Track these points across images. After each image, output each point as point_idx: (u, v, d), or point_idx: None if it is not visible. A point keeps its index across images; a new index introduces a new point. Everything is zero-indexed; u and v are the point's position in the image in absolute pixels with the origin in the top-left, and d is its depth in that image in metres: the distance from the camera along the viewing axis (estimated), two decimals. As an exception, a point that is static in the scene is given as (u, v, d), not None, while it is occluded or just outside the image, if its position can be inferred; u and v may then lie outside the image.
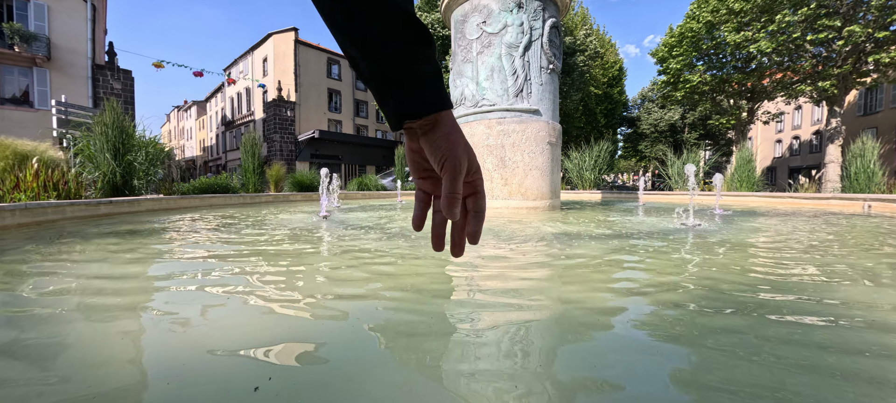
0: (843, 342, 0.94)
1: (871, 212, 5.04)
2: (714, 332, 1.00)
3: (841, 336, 0.98)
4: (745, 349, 0.90)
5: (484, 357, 0.87)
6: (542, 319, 1.12)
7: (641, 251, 2.16)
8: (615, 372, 0.81)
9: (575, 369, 0.83)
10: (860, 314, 1.13)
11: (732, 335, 0.99)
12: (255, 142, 8.79)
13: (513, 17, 4.39)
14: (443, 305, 1.25)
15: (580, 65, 19.79)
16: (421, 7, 18.56)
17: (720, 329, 1.02)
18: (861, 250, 2.23)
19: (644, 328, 1.05)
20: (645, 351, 0.90)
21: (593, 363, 0.85)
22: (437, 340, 0.97)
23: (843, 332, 1.01)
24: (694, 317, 1.12)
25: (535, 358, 0.87)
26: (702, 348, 0.92)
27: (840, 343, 0.93)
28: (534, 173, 4.44)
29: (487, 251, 2.12)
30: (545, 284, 1.52)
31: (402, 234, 2.87)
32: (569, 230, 2.99)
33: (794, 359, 0.85)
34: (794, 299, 1.28)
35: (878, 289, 1.42)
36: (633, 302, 1.27)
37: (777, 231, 3.04)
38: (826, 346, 0.91)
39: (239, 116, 29.76)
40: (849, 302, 1.25)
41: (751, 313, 1.15)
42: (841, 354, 0.87)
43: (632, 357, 0.88)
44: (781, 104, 23.12)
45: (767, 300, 1.26)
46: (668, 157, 9.84)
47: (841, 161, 12.35)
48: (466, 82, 4.71)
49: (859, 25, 11.82)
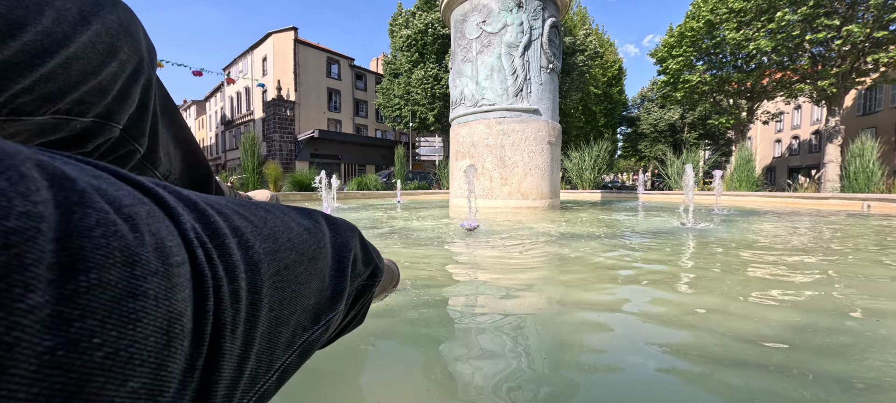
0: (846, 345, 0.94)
1: (870, 212, 5.05)
2: (714, 331, 1.00)
3: (843, 335, 0.98)
4: (745, 346, 0.90)
5: (484, 356, 0.87)
6: (542, 319, 1.12)
7: (641, 251, 2.16)
8: (615, 370, 0.81)
9: (575, 369, 0.83)
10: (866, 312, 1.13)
11: (732, 333, 0.99)
12: (255, 141, 8.79)
13: (512, 16, 4.39)
14: (442, 304, 1.25)
15: (580, 64, 19.80)
16: (420, 7, 18.56)
17: (720, 328, 1.02)
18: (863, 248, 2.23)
19: (643, 327, 1.05)
20: (645, 350, 0.90)
21: (593, 361, 0.85)
22: (435, 337, 0.97)
23: (843, 331, 1.01)
24: (694, 315, 1.12)
25: (534, 357, 0.87)
26: (702, 347, 0.92)
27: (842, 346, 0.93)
28: (533, 173, 4.44)
29: (487, 251, 2.12)
30: (545, 283, 1.52)
31: (402, 233, 2.87)
32: (569, 230, 2.99)
33: (794, 360, 0.85)
34: (792, 297, 1.28)
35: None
36: (633, 302, 1.27)
37: (775, 231, 3.04)
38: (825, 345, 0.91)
39: (238, 115, 29.75)
40: (849, 304, 1.25)
41: (750, 311, 1.15)
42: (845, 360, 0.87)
43: (632, 356, 0.88)
44: (781, 104, 23.14)
45: (766, 300, 1.26)
46: (668, 157, 9.85)
47: (840, 161, 12.37)
48: (466, 82, 4.71)
49: (858, 25, 11.83)
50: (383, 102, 20.29)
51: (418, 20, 17.96)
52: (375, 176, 11.66)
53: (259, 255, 0.22)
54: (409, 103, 19.15)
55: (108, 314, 0.12)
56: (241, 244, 0.21)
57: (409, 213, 4.88)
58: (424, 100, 18.48)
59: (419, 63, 18.51)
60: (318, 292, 0.29)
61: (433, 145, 15.40)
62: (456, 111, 4.89)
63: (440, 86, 18.11)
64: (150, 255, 0.14)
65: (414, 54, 18.46)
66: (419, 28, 17.92)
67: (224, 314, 0.18)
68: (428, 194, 11.19)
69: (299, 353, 0.27)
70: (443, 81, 17.98)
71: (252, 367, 0.21)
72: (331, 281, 0.31)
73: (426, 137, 15.94)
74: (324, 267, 0.30)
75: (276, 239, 0.25)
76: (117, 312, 0.12)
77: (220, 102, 33.25)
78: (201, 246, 0.18)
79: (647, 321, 1.09)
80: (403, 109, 19.43)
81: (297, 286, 0.25)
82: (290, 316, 0.25)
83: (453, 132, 4.90)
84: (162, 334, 0.14)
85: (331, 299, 0.31)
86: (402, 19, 19.09)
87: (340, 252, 0.33)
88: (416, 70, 18.30)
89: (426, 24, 17.84)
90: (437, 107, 18.60)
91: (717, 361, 0.85)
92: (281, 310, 0.23)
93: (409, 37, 18.23)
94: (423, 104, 18.68)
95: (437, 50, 18.35)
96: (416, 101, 18.79)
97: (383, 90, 20.33)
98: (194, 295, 0.17)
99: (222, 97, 32.58)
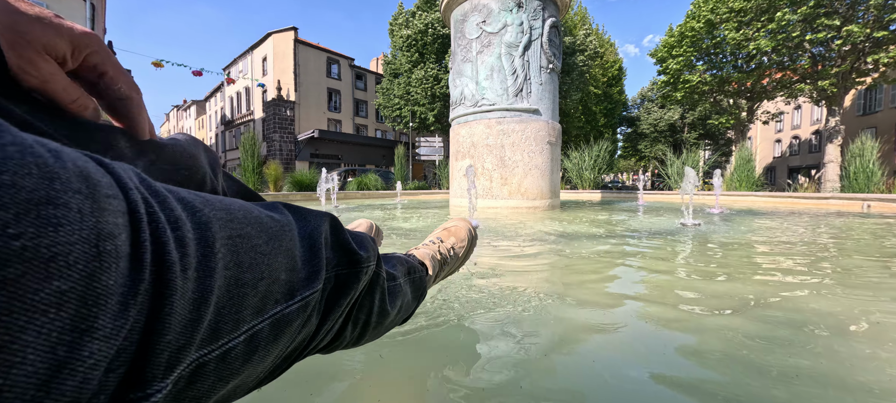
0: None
1: (870, 211, 5.05)
2: (714, 330, 1.00)
3: (838, 336, 0.98)
4: (744, 346, 0.90)
5: (483, 355, 0.87)
6: (542, 318, 1.12)
7: (640, 250, 2.16)
8: (615, 370, 0.81)
9: (574, 367, 0.83)
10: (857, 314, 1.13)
11: (731, 332, 0.99)
12: (255, 141, 8.78)
13: (512, 16, 4.39)
14: (441, 304, 1.25)
15: (580, 64, 19.79)
16: (420, 7, 18.55)
17: (720, 327, 1.02)
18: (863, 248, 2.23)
19: (644, 328, 1.05)
20: (645, 350, 0.90)
21: (593, 361, 0.85)
22: (434, 337, 0.97)
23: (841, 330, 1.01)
24: (694, 314, 1.12)
25: (534, 357, 0.87)
26: (703, 346, 0.92)
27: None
28: (533, 173, 4.44)
29: (487, 251, 2.12)
30: (545, 283, 1.52)
31: (401, 232, 2.87)
32: (569, 230, 2.99)
33: (793, 360, 0.85)
34: (790, 295, 1.28)
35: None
36: (633, 300, 1.27)
37: (772, 231, 3.04)
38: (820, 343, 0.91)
39: (238, 115, 29.74)
40: (844, 302, 1.25)
41: (749, 310, 1.15)
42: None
43: (632, 356, 0.88)
44: (781, 104, 23.13)
45: (765, 299, 1.26)
46: (668, 156, 9.85)
47: (840, 161, 12.37)
48: (466, 82, 4.71)
49: (858, 25, 11.82)
50: (383, 102, 20.28)
51: (418, 20, 17.96)
52: (375, 176, 11.66)
53: (207, 217, 0.24)
54: (409, 103, 19.14)
55: (24, 212, 0.14)
56: (185, 207, 0.23)
57: (408, 213, 4.88)
58: (424, 100, 18.47)
59: (419, 63, 18.51)
60: (288, 269, 0.31)
61: (433, 145, 15.40)
62: (456, 111, 4.89)
63: (440, 86, 18.10)
64: (70, 176, 0.16)
65: (414, 54, 18.45)
66: (419, 28, 17.91)
67: (169, 253, 0.20)
68: (428, 194, 11.20)
69: (272, 324, 0.29)
70: (443, 81, 17.97)
71: (212, 317, 0.23)
72: (304, 263, 0.33)
73: (426, 137, 15.94)
74: (290, 247, 0.32)
75: (229, 211, 0.26)
76: (34, 213, 0.14)
77: (220, 102, 33.24)
78: (138, 193, 0.20)
79: (647, 322, 1.09)
80: (403, 109, 19.42)
81: (257, 255, 0.27)
82: (256, 282, 0.27)
83: (453, 132, 4.90)
84: (89, 245, 0.16)
85: (307, 279, 0.33)
86: (402, 19, 19.08)
87: (312, 236, 0.35)
88: (416, 70, 18.29)
89: (426, 24, 17.84)
90: (437, 107, 18.60)
91: (718, 361, 0.85)
92: (240, 272, 0.25)
93: (409, 37, 18.22)
94: (423, 104, 18.67)
95: (437, 50, 18.34)
96: (416, 101, 18.78)
97: (383, 90, 20.33)
98: (130, 224, 0.18)
99: (222, 97, 32.57)
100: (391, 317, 0.54)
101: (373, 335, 0.51)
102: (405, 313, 0.61)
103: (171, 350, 0.20)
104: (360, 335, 0.48)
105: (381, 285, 0.49)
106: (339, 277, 0.39)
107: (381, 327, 0.53)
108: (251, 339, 0.27)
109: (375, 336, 0.54)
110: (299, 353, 0.38)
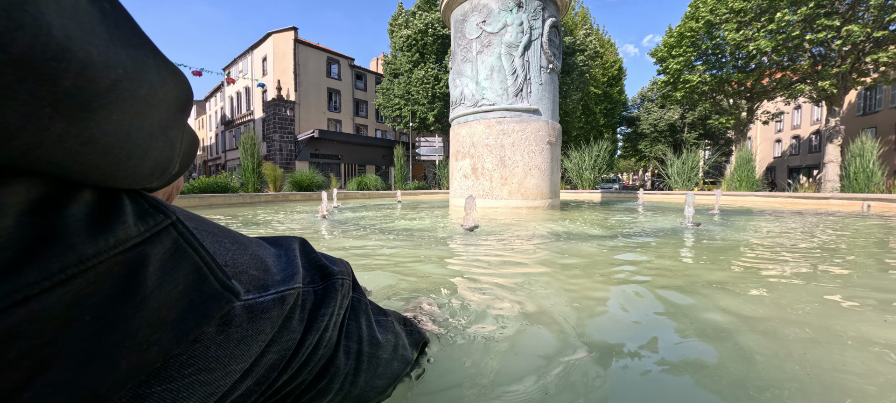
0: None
1: (869, 212, 5.05)
2: (714, 329, 1.00)
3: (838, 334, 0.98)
4: (743, 345, 0.90)
5: (482, 356, 0.87)
6: (542, 318, 1.12)
7: (642, 250, 2.16)
8: (615, 371, 0.81)
9: (575, 368, 0.83)
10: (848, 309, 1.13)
11: (731, 331, 0.98)
12: (255, 141, 8.78)
13: (512, 16, 4.38)
14: (441, 302, 1.25)
15: (580, 64, 19.80)
16: (420, 7, 18.56)
17: (720, 326, 1.02)
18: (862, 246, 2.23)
19: (645, 327, 1.05)
20: (645, 350, 0.90)
21: (593, 361, 0.85)
22: (433, 337, 0.97)
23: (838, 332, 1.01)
24: (694, 313, 1.12)
25: (534, 357, 0.87)
26: (703, 346, 0.92)
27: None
28: (533, 173, 4.44)
29: (487, 250, 2.12)
30: (545, 283, 1.52)
31: (400, 233, 2.87)
32: (569, 230, 2.99)
33: (791, 352, 0.85)
34: (793, 297, 1.28)
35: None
36: (632, 299, 1.27)
37: (769, 231, 3.04)
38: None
39: (238, 115, 29.73)
40: (835, 299, 1.25)
41: (753, 311, 1.14)
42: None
43: (632, 356, 0.88)
44: (781, 104, 23.15)
45: (764, 298, 1.26)
46: (668, 156, 9.86)
47: (840, 161, 12.37)
48: (466, 82, 4.70)
49: (858, 25, 11.82)
50: (383, 102, 20.28)
51: (418, 20, 17.96)
52: (375, 176, 11.65)
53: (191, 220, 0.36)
54: (409, 103, 19.14)
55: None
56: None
57: (408, 213, 4.88)
58: (424, 100, 18.47)
59: (419, 63, 18.51)
60: (258, 268, 0.38)
61: (433, 145, 15.41)
62: (456, 111, 4.89)
63: (440, 86, 18.11)
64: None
65: (414, 54, 18.45)
66: (419, 28, 17.91)
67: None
68: (428, 194, 11.20)
69: (245, 308, 0.33)
70: (443, 81, 17.97)
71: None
72: (279, 269, 0.41)
73: (426, 137, 15.95)
74: (259, 252, 0.40)
75: (207, 221, 0.39)
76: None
77: (220, 102, 33.23)
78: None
79: (647, 321, 1.09)
80: (403, 109, 19.42)
81: (222, 248, 0.36)
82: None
83: (453, 132, 4.89)
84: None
85: (282, 280, 0.39)
86: (402, 19, 19.08)
87: (287, 250, 0.46)
88: (416, 70, 18.29)
89: (426, 24, 17.84)
90: (437, 107, 18.60)
91: (720, 362, 0.85)
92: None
93: (409, 37, 18.22)
94: (423, 104, 18.67)
95: (437, 50, 18.35)
96: (416, 101, 18.78)
97: (383, 90, 20.32)
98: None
99: (222, 97, 32.56)
100: (387, 352, 0.57)
101: (370, 371, 0.53)
102: (405, 358, 0.64)
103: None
104: (357, 368, 0.50)
105: (365, 310, 0.52)
106: (316, 293, 0.44)
107: (377, 361, 0.54)
108: (226, 317, 0.31)
109: (377, 379, 0.55)
110: (290, 372, 0.40)
